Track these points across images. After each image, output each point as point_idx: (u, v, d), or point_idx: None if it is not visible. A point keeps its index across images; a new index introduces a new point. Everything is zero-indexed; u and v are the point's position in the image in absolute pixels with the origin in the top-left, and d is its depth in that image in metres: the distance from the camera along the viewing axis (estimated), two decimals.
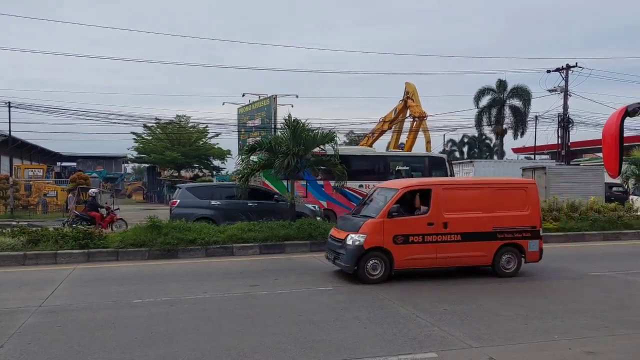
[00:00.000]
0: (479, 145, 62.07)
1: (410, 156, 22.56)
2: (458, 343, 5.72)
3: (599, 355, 5.26)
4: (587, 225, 15.69)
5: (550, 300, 7.67)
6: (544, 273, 9.87)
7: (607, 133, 5.28)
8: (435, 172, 20.36)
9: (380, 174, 20.39)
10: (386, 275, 8.94)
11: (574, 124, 36.03)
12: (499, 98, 46.07)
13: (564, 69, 35.06)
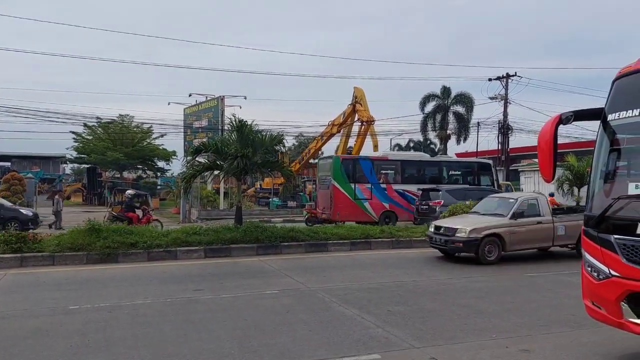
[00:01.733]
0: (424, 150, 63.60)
1: (462, 162, 24.47)
2: (401, 343, 5.80)
3: (534, 353, 5.48)
4: None
5: (489, 300, 7.93)
6: (487, 274, 10.22)
7: (542, 140, 5.49)
8: (483, 176, 22.45)
9: (435, 178, 22.25)
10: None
11: (513, 131, 37.57)
12: (443, 104, 47.36)
13: (504, 77, 36.49)
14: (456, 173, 23.00)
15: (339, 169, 21.08)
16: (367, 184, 21.00)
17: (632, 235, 4.64)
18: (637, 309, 4.61)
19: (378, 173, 21.62)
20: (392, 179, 21.97)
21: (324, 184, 22.32)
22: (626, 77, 5.21)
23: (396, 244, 14.26)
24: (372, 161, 22.10)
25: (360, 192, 20.83)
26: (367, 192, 20.92)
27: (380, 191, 21.21)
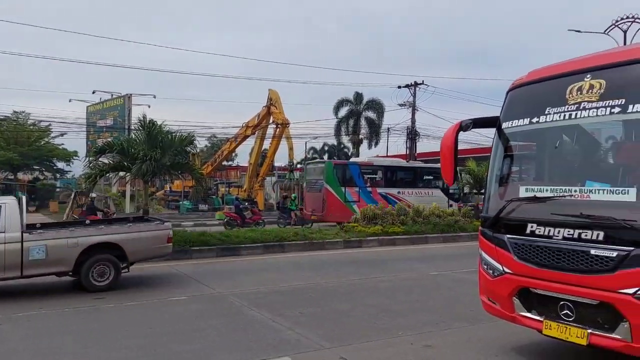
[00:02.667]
0: (338, 154, 64.82)
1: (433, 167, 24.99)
2: (312, 345, 5.86)
3: (436, 348, 5.76)
4: (430, 229, 17.23)
5: (396, 299, 8.23)
6: (394, 274, 10.59)
7: (444, 145, 5.80)
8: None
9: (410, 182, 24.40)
10: None
11: (421, 136, 39.45)
12: (356, 109, 48.60)
13: (413, 85, 38.18)
14: (429, 177, 24.91)
15: (331, 173, 23.00)
16: (355, 187, 22.92)
17: (522, 234, 5.02)
18: (527, 303, 5.00)
19: (364, 177, 23.43)
20: (376, 182, 23.88)
21: (314, 186, 23.71)
22: (518, 88, 5.65)
23: (310, 246, 14.39)
24: (360, 166, 23.94)
25: (349, 195, 22.77)
26: (356, 195, 22.77)
27: (366, 194, 23.04)
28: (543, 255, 4.79)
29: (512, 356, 5.53)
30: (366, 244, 15.40)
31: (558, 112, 4.95)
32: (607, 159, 5.37)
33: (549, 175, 5.63)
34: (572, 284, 4.53)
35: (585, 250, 4.44)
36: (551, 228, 4.76)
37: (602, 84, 4.62)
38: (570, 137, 5.49)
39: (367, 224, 16.82)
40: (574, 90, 4.83)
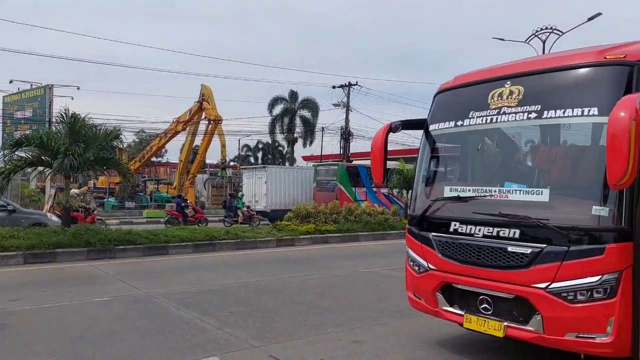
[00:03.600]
0: (272, 152, 64.61)
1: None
2: (241, 344, 5.79)
3: (364, 344, 5.87)
4: (361, 227, 17.57)
5: (326, 296, 8.32)
6: (325, 271, 10.70)
7: (374, 146, 5.93)
8: None
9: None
10: None
11: (354, 137, 40.11)
12: (291, 108, 48.69)
13: (347, 86, 38.77)
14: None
15: (344, 174, 25.66)
16: (363, 187, 25.51)
17: (446, 232, 5.23)
18: (450, 298, 5.21)
19: (370, 178, 24.36)
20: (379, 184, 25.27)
21: (325, 186, 26.08)
22: (444, 92, 5.87)
23: (241, 244, 14.23)
24: (367, 168, 24.72)
25: (359, 195, 25.28)
26: (364, 195, 25.38)
27: (372, 194, 25.65)
28: (465, 252, 5.01)
29: (435, 349, 5.74)
30: (299, 242, 15.45)
31: (480, 116, 5.19)
32: (525, 161, 5.70)
33: (471, 176, 5.90)
34: (490, 280, 4.77)
35: (503, 247, 4.69)
36: (472, 226, 4.98)
37: (521, 90, 4.90)
38: (492, 140, 5.78)
39: (300, 222, 16.88)
40: (495, 96, 5.08)
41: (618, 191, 4.10)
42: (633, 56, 4.37)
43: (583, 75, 4.67)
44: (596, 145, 4.42)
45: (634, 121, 3.73)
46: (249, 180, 27.89)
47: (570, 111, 4.52)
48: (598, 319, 4.15)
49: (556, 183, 4.92)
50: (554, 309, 4.33)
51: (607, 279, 4.11)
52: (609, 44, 4.81)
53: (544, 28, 24.10)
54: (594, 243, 4.19)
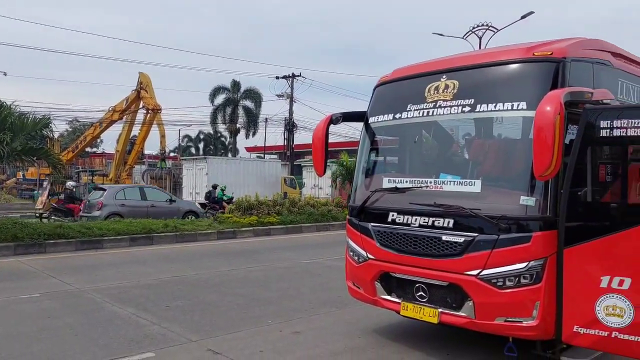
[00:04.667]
0: (214, 143, 63.49)
1: None
2: (178, 339, 5.66)
3: (303, 334, 5.90)
4: (304, 219, 17.62)
5: (267, 288, 8.29)
6: (266, 263, 10.66)
7: (315, 137, 5.93)
8: None
9: None
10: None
11: (298, 128, 40.09)
12: (233, 98, 47.95)
13: (291, 77, 38.62)
14: None
15: None
16: None
17: (385, 223, 5.32)
18: (388, 287, 5.32)
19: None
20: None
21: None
22: (384, 85, 5.96)
23: (180, 237, 13.92)
24: None
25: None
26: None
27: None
28: (402, 241, 5.13)
29: (373, 336, 5.85)
30: (241, 234, 15.30)
31: (418, 109, 5.30)
32: (460, 153, 5.87)
33: (409, 167, 6.02)
34: (426, 268, 4.90)
35: (438, 236, 4.83)
36: (409, 216, 5.10)
37: (456, 84, 5.04)
38: (429, 132, 5.92)
39: (242, 214, 16.71)
40: (432, 89, 5.21)
41: (544, 182, 4.31)
42: (559, 53, 4.60)
43: (513, 70, 4.86)
44: (525, 138, 4.61)
45: (558, 115, 3.93)
46: (189, 172, 27.36)
47: (501, 105, 4.70)
48: (525, 304, 4.37)
49: (488, 174, 5.11)
50: (484, 295, 4.51)
51: (533, 266, 4.33)
52: (538, 41, 5.03)
53: (480, 25, 24.95)
54: (522, 231, 4.40)
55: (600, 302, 4.12)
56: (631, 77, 5.66)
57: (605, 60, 5.14)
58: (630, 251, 4.00)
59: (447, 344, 5.51)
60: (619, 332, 4.05)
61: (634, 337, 3.99)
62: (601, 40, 5.39)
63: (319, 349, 5.40)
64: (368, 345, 5.57)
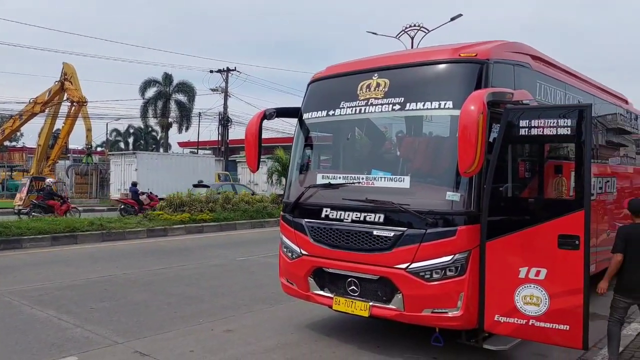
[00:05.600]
0: (145, 137, 61.31)
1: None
2: (103, 341, 5.43)
3: (236, 332, 5.83)
4: (239, 215, 17.40)
5: (200, 286, 8.12)
6: (199, 261, 10.44)
7: (248, 133, 5.86)
8: None
9: None
10: None
11: (233, 123, 39.47)
12: (165, 91, 46.41)
13: (225, 71, 37.95)
14: None
15: None
16: None
17: (318, 218, 5.36)
18: (321, 282, 5.37)
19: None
20: None
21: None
22: (317, 82, 5.99)
23: (107, 236, 13.32)
24: None
25: None
26: None
27: None
28: (335, 237, 5.19)
29: (306, 332, 5.89)
30: (172, 232, 14.87)
31: (350, 106, 5.38)
32: (391, 150, 6.02)
33: (343, 164, 6.11)
34: (358, 262, 5.00)
35: (369, 231, 4.93)
36: (342, 212, 5.17)
37: (387, 82, 5.16)
38: (361, 129, 6.03)
39: (173, 211, 16.25)
40: (364, 87, 5.30)
41: (468, 178, 4.51)
42: (483, 55, 4.81)
43: (440, 70, 5.04)
44: (451, 136, 4.79)
45: (481, 114, 4.11)
46: (117, 168, 26.28)
47: (429, 104, 4.86)
48: (450, 295, 4.55)
49: (417, 171, 5.28)
50: (413, 287, 4.66)
51: (458, 258, 4.51)
52: (464, 43, 5.23)
53: (412, 25, 25.62)
54: (448, 226, 4.58)
55: (519, 292, 4.37)
56: (549, 79, 6.04)
57: (525, 63, 5.44)
58: (546, 243, 4.27)
59: (378, 337, 5.64)
60: (536, 320, 4.32)
61: (549, 325, 4.27)
62: (522, 44, 5.70)
63: (251, 346, 5.36)
64: (301, 340, 5.59)
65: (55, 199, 17.71)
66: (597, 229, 6.66)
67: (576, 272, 4.16)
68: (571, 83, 6.84)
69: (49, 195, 17.70)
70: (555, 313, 4.23)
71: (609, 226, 7.46)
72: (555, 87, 6.15)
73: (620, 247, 4.47)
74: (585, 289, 4.14)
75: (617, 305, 4.53)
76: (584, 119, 4.24)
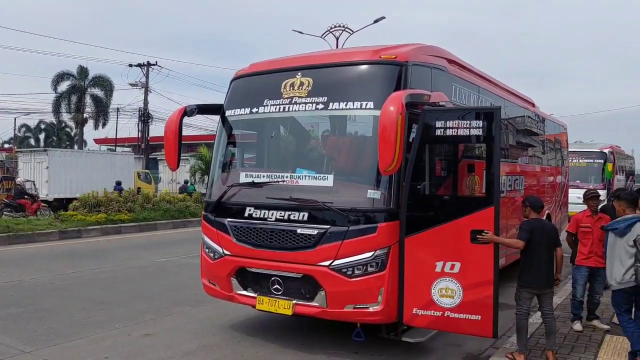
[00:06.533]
0: (58, 134, 57.63)
1: None
2: (8, 351, 5.05)
3: (155, 336, 5.62)
4: (160, 215, 16.81)
5: (116, 290, 7.75)
6: (116, 264, 9.96)
7: (168, 130, 5.65)
8: None
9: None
10: None
11: (154, 119, 38.04)
12: (80, 85, 43.90)
13: (146, 65, 36.47)
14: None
15: None
16: None
17: (242, 218, 5.29)
18: (244, 282, 5.31)
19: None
20: None
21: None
22: (240, 79, 5.91)
23: (15, 238, 12.37)
24: None
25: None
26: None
27: None
28: (259, 236, 5.14)
29: (229, 333, 5.79)
30: (87, 233, 14.09)
31: (274, 104, 5.35)
32: (315, 149, 6.06)
33: (267, 162, 6.06)
34: (282, 261, 4.98)
35: (293, 229, 4.94)
36: (266, 211, 5.14)
37: (310, 81, 5.18)
38: (286, 127, 6.02)
39: (88, 212, 15.42)
40: (288, 86, 5.29)
41: (388, 176, 4.63)
42: (402, 57, 4.96)
43: (361, 71, 5.14)
44: (372, 136, 4.89)
45: (400, 115, 4.24)
46: (26, 165, 24.39)
47: (351, 104, 4.95)
48: (371, 291, 4.66)
49: (340, 169, 5.35)
50: (335, 284, 4.72)
51: (378, 254, 4.63)
52: (386, 45, 5.36)
53: (337, 25, 25.95)
54: (369, 223, 4.68)
55: (436, 285, 4.58)
56: (464, 82, 6.35)
57: (441, 66, 5.68)
58: (460, 238, 4.50)
59: (301, 335, 5.66)
60: (451, 311, 4.54)
61: (462, 315, 4.50)
62: (439, 47, 5.94)
63: (171, 350, 5.19)
64: (223, 341, 5.49)
65: (26, 198, 17.37)
66: (507, 224, 7.07)
67: (487, 265, 4.42)
68: (484, 86, 7.23)
69: (20, 194, 17.48)
70: (468, 304, 4.47)
71: (518, 221, 7.96)
72: (469, 90, 6.48)
73: (525, 237, 4.74)
74: (495, 280, 4.41)
75: (523, 297, 4.85)
76: (494, 121, 4.51)
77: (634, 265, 4.38)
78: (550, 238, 4.81)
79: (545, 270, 4.76)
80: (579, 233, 5.81)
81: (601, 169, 16.70)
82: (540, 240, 4.74)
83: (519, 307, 4.83)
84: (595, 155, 17.05)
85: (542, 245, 4.74)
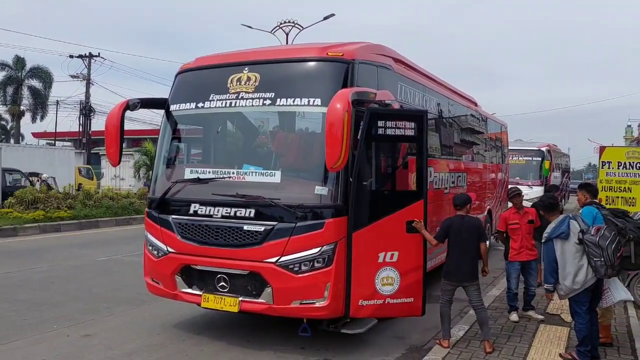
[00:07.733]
0: None
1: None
2: None
3: (96, 336, 5.43)
4: (102, 212, 16.20)
5: (54, 290, 7.42)
6: (54, 263, 9.53)
7: (109, 124, 5.44)
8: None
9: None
10: None
11: (96, 113, 36.61)
12: (17, 76, 41.66)
13: (87, 56, 35.07)
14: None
15: None
16: None
17: (187, 215, 5.19)
18: (189, 280, 5.21)
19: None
20: None
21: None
22: (186, 73, 5.78)
23: None
24: None
25: None
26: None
27: None
28: (204, 233, 5.06)
29: (173, 332, 5.67)
30: (23, 232, 13.38)
31: (221, 99, 5.27)
32: (262, 145, 6.02)
33: (213, 158, 5.97)
34: (228, 258, 4.93)
35: (240, 226, 4.89)
36: (212, 207, 5.06)
37: (257, 77, 5.13)
38: (232, 123, 5.95)
39: (25, 209, 14.68)
40: (234, 81, 5.22)
41: (335, 173, 4.67)
42: (348, 55, 5.00)
43: (308, 68, 5.16)
44: (320, 132, 4.92)
45: (346, 112, 4.28)
46: None
47: (298, 100, 4.95)
48: (318, 286, 4.69)
49: (287, 166, 5.34)
50: (282, 280, 4.72)
51: (325, 250, 4.66)
52: (333, 42, 5.39)
53: (287, 21, 25.86)
54: (316, 219, 4.70)
55: (378, 275, 4.83)
56: (409, 81, 6.48)
57: (387, 65, 5.77)
58: (398, 229, 4.80)
59: (248, 332, 5.63)
60: (390, 297, 4.83)
61: (400, 300, 4.85)
62: (385, 46, 6.03)
63: (112, 350, 5.03)
64: (168, 340, 5.38)
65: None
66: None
67: (418, 252, 4.93)
68: (429, 86, 7.41)
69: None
70: (404, 289, 4.86)
71: None
72: (414, 89, 6.62)
73: (440, 236, 5.07)
74: (424, 265, 4.92)
75: (445, 288, 5.10)
76: (422, 122, 4.88)
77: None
78: (472, 233, 5.01)
79: (467, 264, 4.98)
80: (508, 230, 6.06)
81: (539, 166, 17.46)
82: (459, 235, 4.97)
83: (442, 297, 5.11)
84: (533, 154, 17.81)
85: (462, 240, 4.97)
